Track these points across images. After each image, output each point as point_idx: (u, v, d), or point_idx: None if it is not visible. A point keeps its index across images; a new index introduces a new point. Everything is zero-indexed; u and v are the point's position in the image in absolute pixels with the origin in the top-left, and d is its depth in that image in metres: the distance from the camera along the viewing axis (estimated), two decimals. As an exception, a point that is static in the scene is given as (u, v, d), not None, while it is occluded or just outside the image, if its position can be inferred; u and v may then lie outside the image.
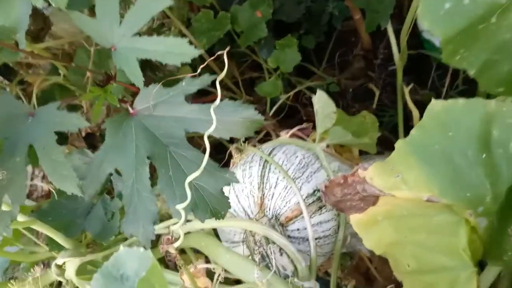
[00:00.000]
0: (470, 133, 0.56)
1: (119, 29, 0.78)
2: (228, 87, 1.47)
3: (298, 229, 0.81)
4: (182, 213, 0.65)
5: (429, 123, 0.60)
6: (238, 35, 1.34)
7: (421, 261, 0.61)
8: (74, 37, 1.30)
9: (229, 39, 1.37)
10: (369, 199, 0.67)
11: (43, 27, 1.30)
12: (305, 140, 1.03)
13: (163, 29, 1.41)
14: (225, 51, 0.65)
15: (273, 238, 0.71)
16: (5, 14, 0.78)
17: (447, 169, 0.57)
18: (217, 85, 0.63)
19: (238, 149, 0.88)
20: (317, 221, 0.80)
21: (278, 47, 1.32)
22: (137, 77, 0.77)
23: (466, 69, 0.68)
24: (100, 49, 1.16)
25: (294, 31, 1.45)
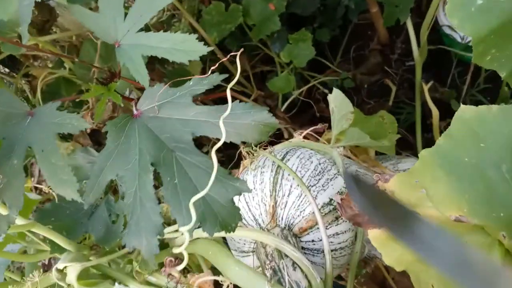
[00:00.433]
0: (505, 144, 0.51)
1: (124, 24, 0.75)
2: (238, 81, 1.43)
3: (312, 241, 0.75)
4: (186, 235, 0.60)
5: (458, 132, 0.54)
6: (250, 28, 1.30)
7: (448, 285, 0.56)
8: (81, 29, 1.26)
9: (241, 32, 1.33)
10: (390, 212, 0.62)
11: (49, 18, 1.27)
12: (318, 139, 0.98)
13: (173, 21, 1.36)
14: (238, 53, 0.59)
15: (285, 251, 0.66)
16: (2, 9, 0.74)
17: (479, 185, 0.52)
18: (227, 93, 0.57)
19: (249, 152, 0.83)
20: (333, 232, 0.74)
21: (291, 42, 1.27)
22: (142, 75, 0.73)
23: (497, 70, 0.63)
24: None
25: (308, 25, 1.40)
